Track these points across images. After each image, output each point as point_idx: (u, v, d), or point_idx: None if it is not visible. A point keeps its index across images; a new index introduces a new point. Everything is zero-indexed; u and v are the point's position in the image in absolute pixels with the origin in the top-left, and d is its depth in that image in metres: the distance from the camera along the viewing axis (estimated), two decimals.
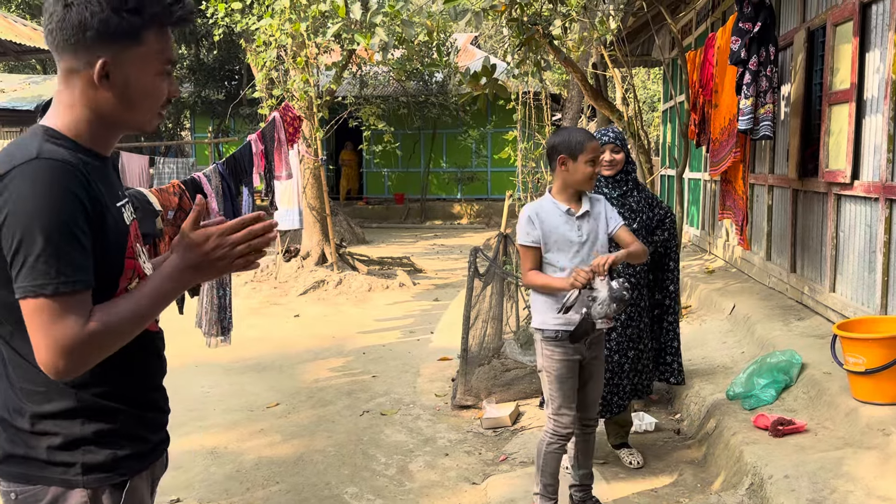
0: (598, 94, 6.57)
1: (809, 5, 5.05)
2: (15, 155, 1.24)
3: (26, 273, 1.21)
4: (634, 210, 3.54)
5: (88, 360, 1.25)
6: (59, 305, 1.21)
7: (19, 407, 1.33)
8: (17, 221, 1.20)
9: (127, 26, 1.28)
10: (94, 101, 1.31)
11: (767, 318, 5.11)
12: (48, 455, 1.33)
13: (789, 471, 2.94)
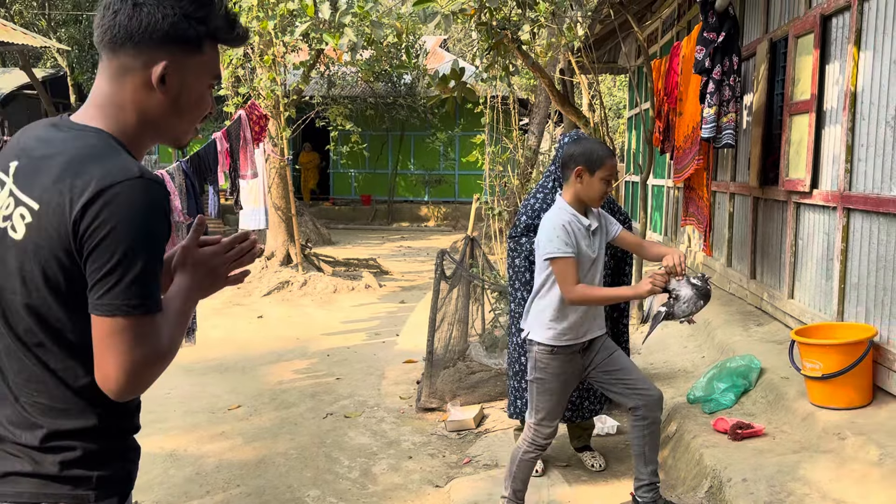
0: (564, 100, 6.62)
1: (772, 17, 5.16)
2: (110, 168, 1.20)
3: (120, 291, 1.18)
4: (598, 214, 3.58)
5: (150, 383, 1.25)
6: (144, 327, 1.21)
7: (27, 422, 1.28)
8: (120, 239, 1.18)
9: (193, 33, 1.29)
10: (146, 103, 1.30)
11: (727, 324, 5.20)
12: (60, 470, 1.28)
13: (748, 474, 2.99)
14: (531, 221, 3.55)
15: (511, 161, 9.04)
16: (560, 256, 2.83)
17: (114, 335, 1.19)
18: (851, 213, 3.87)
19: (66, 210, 1.18)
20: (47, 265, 1.21)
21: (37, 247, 1.21)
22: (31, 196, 1.23)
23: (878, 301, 3.62)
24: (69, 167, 1.21)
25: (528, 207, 3.61)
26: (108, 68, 1.30)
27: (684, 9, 7.51)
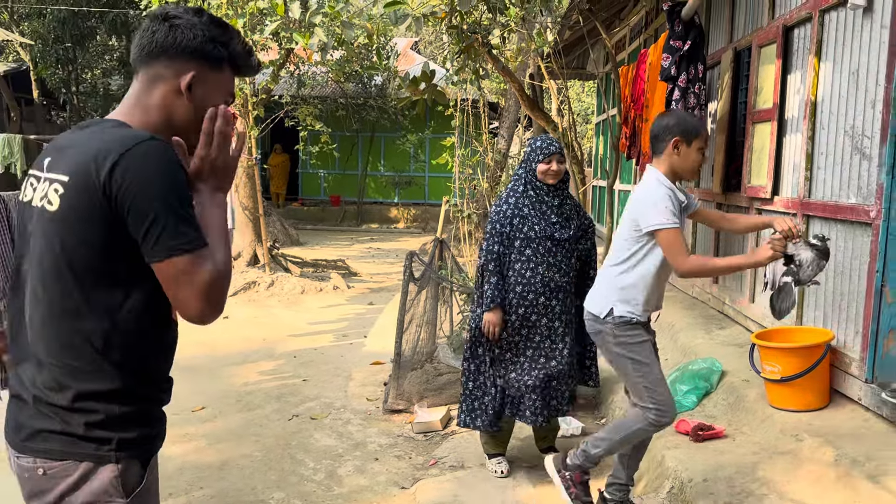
0: (534, 105, 6.68)
1: (737, 27, 5.27)
2: (119, 137, 1.39)
3: (169, 236, 1.35)
4: (569, 217, 3.62)
5: (224, 301, 1.43)
6: (199, 258, 1.37)
7: (58, 384, 1.41)
8: (152, 192, 1.35)
9: (217, 54, 1.53)
10: (172, 107, 1.51)
11: (690, 327, 5.29)
12: (85, 430, 1.40)
13: (708, 475, 3.04)
14: (503, 229, 3.56)
15: (481, 164, 9.09)
16: (669, 227, 2.69)
17: (178, 274, 1.36)
18: (811, 219, 3.97)
19: (93, 178, 1.35)
20: (82, 228, 1.37)
21: (71, 213, 1.37)
22: (59, 172, 1.41)
23: (836, 306, 3.72)
24: (91, 145, 1.39)
25: (500, 214, 3.59)
26: (142, 78, 1.52)
27: (652, 17, 7.62)
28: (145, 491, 1.48)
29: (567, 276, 3.59)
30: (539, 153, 3.55)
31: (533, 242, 3.52)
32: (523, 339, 3.55)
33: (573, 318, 3.68)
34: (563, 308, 3.59)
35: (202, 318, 1.39)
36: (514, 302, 3.53)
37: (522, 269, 3.53)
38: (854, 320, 3.50)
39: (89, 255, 1.38)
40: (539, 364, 3.55)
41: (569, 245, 3.59)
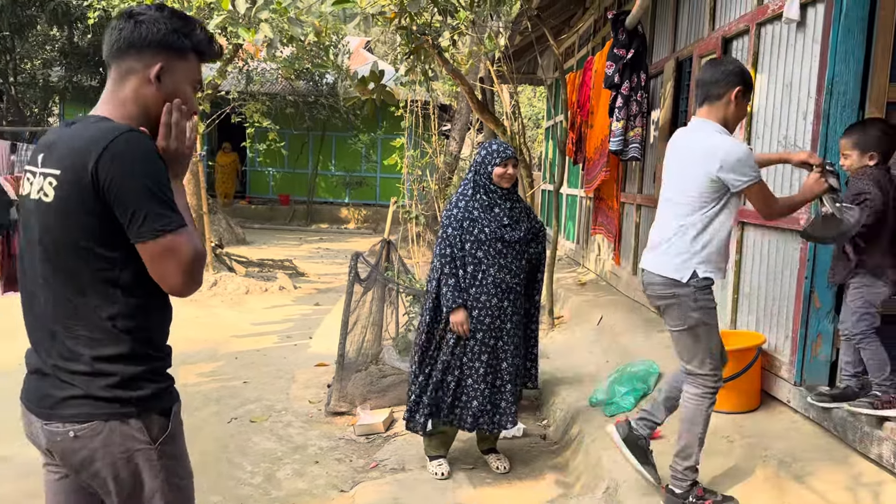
0: (483, 108, 6.72)
1: (679, 37, 5.40)
2: (102, 130, 1.54)
3: (154, 219, 1.51)
4: (519, 219, 3.65)
5: (202, 276, 1.62)
6: (182, 237, 1.54)
7: (74, 353, 1.58)
8: (136, 179, 1.51)
9: (180, 44, 1.66)
10: (145, 97, 1.63)
11: (631, 330, 5.39)
12: (106, 392, 1.57)
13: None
14: (455, 232, 3.56)
15: (430, 165, 9.09)
16: (760, 179, 2.68)
17: (163, 252, 1.53)
18: (745, 226, 4.09)
19: (82, 170, 1.50)
20: (76, 216, 1.53)
21: (66, 202, 1.53)
22: (52, 167, 1.56)
23: (768, 310, 3.84)
24: (77, 139, 1.54)
25: (450, 218, 3.60)
26: (114, 73, 1.65)
27: (599, 25, 7.75)
28: (171, 437, 1.68)
29: (517, 278, 3.62)
30: (496, 157, 3.57)
31: (483, 245, 3.54)
32: (478, 342, 3.57)
33: (522, 318, 3.71)
34: (513, 309, 3.62)
35: (183, 290, 1.58)
36: (467, 304, 3.55)
37: (474, 271, 3.55)
38: (784, 325, 3.61)
39: (85, 239, 1.54)
40: (493, 368, 3.58)
41: (519, 247, 3.62)
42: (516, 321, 3.64)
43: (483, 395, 3.58)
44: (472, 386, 3.58)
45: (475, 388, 3.57)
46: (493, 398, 3.61)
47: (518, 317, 3.66)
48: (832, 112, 3.25)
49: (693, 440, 2.85)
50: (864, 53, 3.21)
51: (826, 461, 2.97)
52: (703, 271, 2.75)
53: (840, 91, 3.23)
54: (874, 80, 3.23)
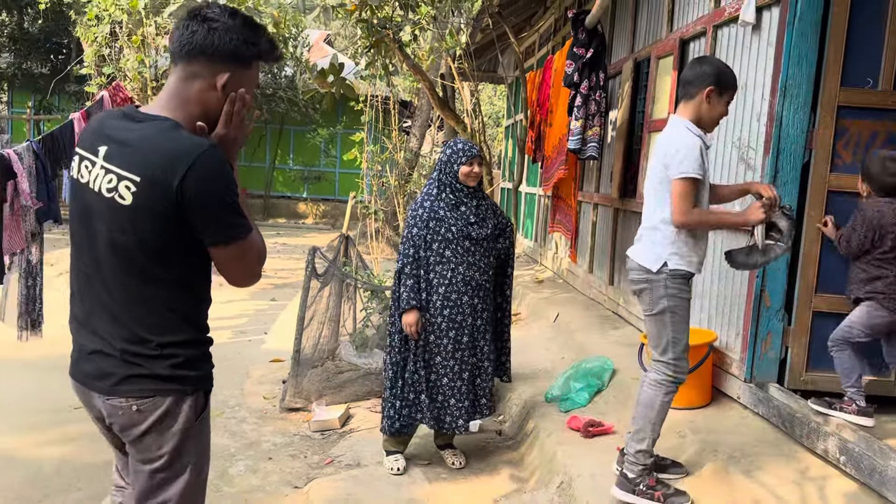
0: (444, 104, 6.71)
1: (638, 38, 5.46)
2: (191, 145, 1.65)
3: (231, 227, 1.69)
4: (486, 217, 3.65)
5: (261, 269, 1.83)
6: (250, 242, 1.74)
7: (141, 338, 1.73)
8: (217, 194, 1.67)
9: (248, 54, 1.75)
10: (209, 101, 1.74)
11: (587, 327, 5.45)
12: (170, 371, 1.74)
13: (596, 470, 3.13)
14: (421, 232, 3.54)
15: (391, 161, 9.04)
16: (692, 177, 2.71)
17: (234, 256, 1.73)
18: None
19: (167, 181, 1.62)
20: (155, 221, 1.66)
21: (145, 209, 1.65)
22: (131, 172, 1.65)
23: (720, 309, 3.91)
24: (157, 148, 1.65)
25: (416, 218, 3.58)
26: (181, 72, 1.73)
27: (560, 24, 7.80)
28: (207, 414, 1.89)
29: (486, 275, 3.63)
30: (462, 155, 3.56)
31: (451, 244, 3.53)
32: (451, 341, 3.56)
33: (492, 314, 3.73)
34: (483, 305, 3.63)
35: (247, 284, 1.81)
36: (438, 304, 3.54)
37: (444, 270, 3.54)
38: (735, 323, 3.68)
39: (157, 239, 1.68)
40: (468, 364, 3.59)
41: (486, 244, 3.62)
42: (487, 317, 3.65)
43: (461, 392, 3.58)
44: (448, 385, 3.57)
45: (452, 385, 3.57)
46: (470, 395, 3.62)
47: (488, 313, 3.67)
48: (785, 114, 3.32)
49: (646, 425, 2.91)
50: (816, 57, 3.29)
51: (774, 456, 3.04)
52: (673, 263, 2.84)
53: (793, 93, 3.30)
54: (826, 83, 3.31)
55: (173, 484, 1.83)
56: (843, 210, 3.46)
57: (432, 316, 3.54)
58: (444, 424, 3.61)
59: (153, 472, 1.81)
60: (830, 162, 3.40)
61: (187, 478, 1.83)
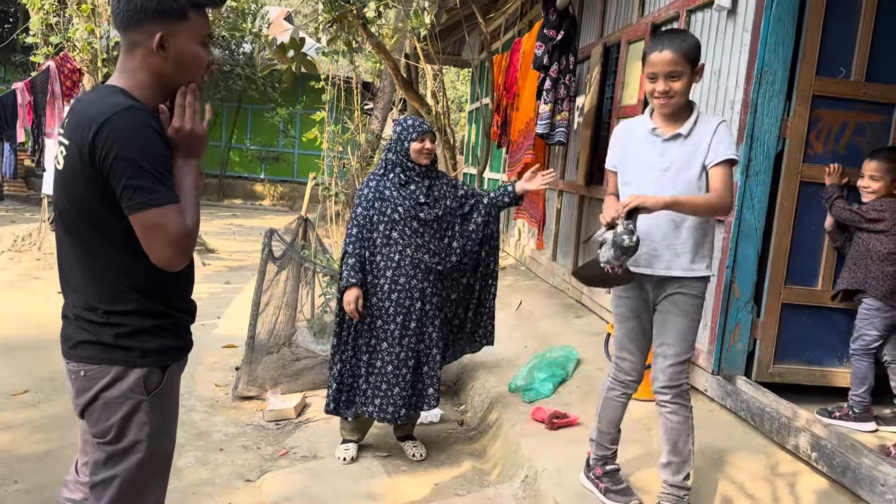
0: (408, 85, 6.54)
1: (607, 22, 5.36)
2: (106, 105, 1.63)
3: (142, 192, 1.61)
4: (439, 198, 3.49)
5: (191, 251, 1.72)
6: (170, 212, 1.64)
7: (91, 306, 1.73)
8: (126, 156, 1.60)
9: (177, 7, 1.69)
10: (154, 66, 1.71)
11: (550, 315, 5.36)
12: (114, 340, 1.73)
13: (561, 464, 3.04)
14: (365, 212, 3.39)
15: (352, 142, 8.82)
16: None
17: (150, 225, 1.63)
18: None
19: (83, 143, 1.62)
20: (83, 184, 1.65)
21: (73, 172, 1.66)
22: (65, 136, 1.69)
23: None
24: (83, 112, 1.66)
25: (361, 197, 3.43)
26: (123, 44, 1.73)
27: (527, 8, 7.67)
28: (162, 392, 1.81)
29: (437, 257, 3.44)
30: (412, 131, 3.40)
31: (398, 224, 3.38)
32: (398, 326, 3.40)
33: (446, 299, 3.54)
34: (434, 290, 3.45)
35: (169, 264, 1.69)
36: (386, 287, 3.38)
37: (391, 252, 3.39)
38: (704, 314, 3.62)
39: (90, 205, 1.65)
40: (414, 352, 3.43)
41: (437, 225, 3.45)
42: (437, 303, 3.48)
43: (405, 380, 3.41)
44: (392, 372, 3.41)
45: (396, 373, 3.41)
46: (415, 384, 3.47)
47: (439, 298, 3.49)
48: (760, 101, 3.25)
49: (595, 413, 2.88)
50: (793, 44, 3.22)
51: (743, 451, 2.98)
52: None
53: (769, 81, 3.23)
54: (802, 72, 3.25)
55: (123, 460, 1.79)
56: (813, 202, 3.43)
57: (379, 300, 3.39)
58: (385, 414, 3.43)
59: (101, 444, 1.80)
60: (804, 152, 3.35)
61: (139, 456, 1.80)
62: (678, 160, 2.50)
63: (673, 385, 2.56)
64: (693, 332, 2.60)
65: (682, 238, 2.54)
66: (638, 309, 2.67)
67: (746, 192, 3.29)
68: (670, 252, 2.55)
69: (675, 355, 2.56)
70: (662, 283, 2.59)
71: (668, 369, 2.56)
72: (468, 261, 3.56)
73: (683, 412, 2.57)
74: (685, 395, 2.58)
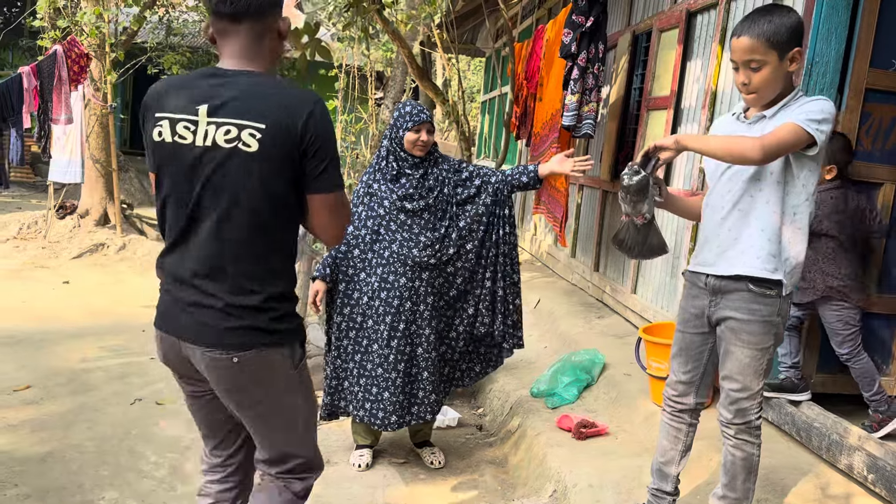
0: (423, 74, 6.33)
1: (636, 9, 5.14)
2: (303, 94, 1.78)
3: (330, 176, 1.80)
4: (432, 188, 3.20)
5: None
6: (343, 197, 1.86)
7: (246, 290, 1.79)
8: (328, 142, 1.79)
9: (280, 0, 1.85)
10: (277, 50, 1.88)
11: (570, 315, 5.17)
12: (268, 325, 1.82)
13: (594, 479, 2.85)
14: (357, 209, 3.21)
15: (364, 132, 8.63)
16: None
17: (339, 204, 1.84)
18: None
19: (293, 124, 1.73)
20: (278, 164, 1.74)
21: (270, 152, 1.73)
22: (254, 120, 1.73)
23: None
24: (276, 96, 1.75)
25: (354, 194, 3.23)
26: (252, 30, 1.79)
27: None
28: (304, 364, 1.97)
29: (428, 250, 3.15)
30: (408, 119, 3.10)
31: (384, 220, 3.16)
32: (387, 327, 3.17)
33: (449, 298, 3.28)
34: (428, 290, 3.19)
35: (337, 240, 1.92)
36: (375, 285, 3.17)
37: (380, 248, 3.17)
38: None
39: (280, 185, 1.76)
40: (405, 355, 3.20)
41: (428, 215, 3.17)
42: (432, 302, 3.21)
43: (395, 385, 3.17)
44: (382, 375, 3.18)
45: (386, 377, 3.18)
46: (406, 388, 3.22)
47: (434, 298, 3.21)
48: (810, 94, 3.03)
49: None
50: (846, 33, 3.01)
51: (789, 469, 2.78)
52: None
53: (820, 72, 3.02)
54: (856, 63, 3.03)
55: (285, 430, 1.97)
56: None
57: (370, 299, 3.18)
58: (376, 419, 3.22)
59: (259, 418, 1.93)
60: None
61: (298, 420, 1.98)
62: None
63: (737, 423, 2.23)
64: (762, 361, 2.18)
65: (748, 230, 2.15)
66: (692, 323, 2.33)
67: None
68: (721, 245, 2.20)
69: (739, 390, 2.20)
70: (717, 291, 2.23)
71: (731, 406, 2.22)
72: (471, 248, 3.23)
73: (748, 448, 2.24)
74: (753, 432, 2.24)
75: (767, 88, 2.11)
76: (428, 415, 3.29)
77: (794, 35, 2.07)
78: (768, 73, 2.08)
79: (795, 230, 2.14)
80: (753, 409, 2.22)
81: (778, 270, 2.13)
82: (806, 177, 2.12)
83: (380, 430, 3.31)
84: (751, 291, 2.14)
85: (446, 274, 3.25)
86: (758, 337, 2.16)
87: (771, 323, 2.15)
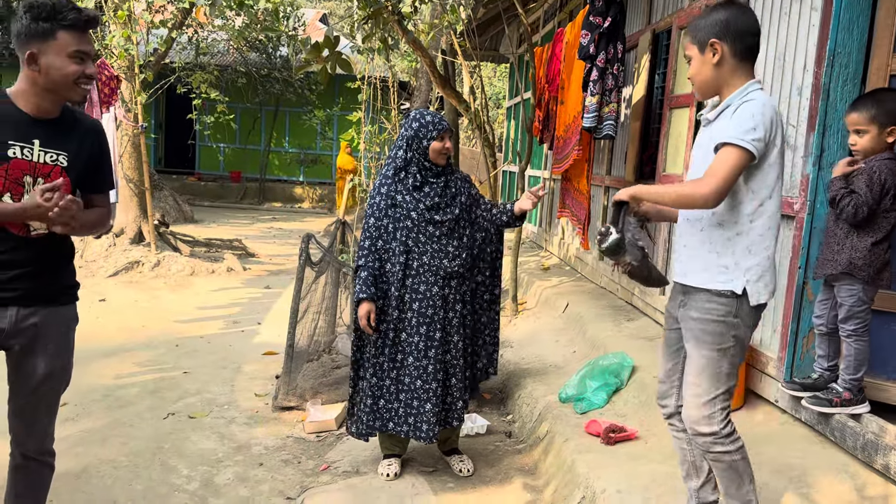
0: (445, 82, 6.34)
1: (656, 7, 5.08)
2: None
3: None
4: (456, 194, 3.26)
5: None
6: None
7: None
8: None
9: (43, 30, 2.03)
10: (30, 77, 2.08)
11: (599, 318, 5.11)
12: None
13: (622, 485, 2.80)
14: (378, 223, 3.19)
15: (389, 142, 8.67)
16: None
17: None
18: None
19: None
20: None
21: None
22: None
23: None
24: None
25: (373, 207, 3.21)
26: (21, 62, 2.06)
27: None
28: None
29: (458, 260, 3.21)
30: (432, 129, 3.12)
31: (412, 231, 3.16)
32: (423, 338, 3.19)
33: (469, 305, 3.35)
34: (456, 297, 3.24)
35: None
36: (406, 298, 3.17)
37: (409, 260, 3.17)
38: (772, 318, 3.35)
39: None
40: (442, 364, 3.22)
41: (453, 224, 3.20)
42: (460, 310, 3.26)
43: (436, 395, 3.20)
44: (422, 388, 3.19)
45: (426, 388, 3.19)
46: (444, 397, 3.25)
47: (462, 305, 3.27)
48: (832, 86, 2.97)
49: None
50: (868, 22, 2.93)
51: (823, 469, 2.71)
52: None
53: (842, 63, 2.95)
54: (876, 51, 2.95)
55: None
56: None
57: (402, 312, 3.18)
58: (420, 433, 3.22)
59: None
60: None
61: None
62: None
63: (701, 433, 2.17)
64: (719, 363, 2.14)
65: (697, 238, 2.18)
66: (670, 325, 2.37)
67: (819, 186, 3.01)
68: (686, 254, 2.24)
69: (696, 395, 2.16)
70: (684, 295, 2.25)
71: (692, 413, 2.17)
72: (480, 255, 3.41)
73: (726, 458, 2.17)
74: (725, 441, 2.16)
75: (700, 83, 2.22)
76: (455, 421, 3.32)
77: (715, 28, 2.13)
78: (695, 66, 2.21)
79: (756, 237, 2.12)
80: (717, 417, 2.15)
81: (733, 281, 2.12)
82: (756, 183, 2.09)
83: (425, 442, 3.30)
84: (708, 292, 2.16)
85: (469, 280, 3.31)
86: (712, 336, 2.15)
87: (727, 323, 2.14)
